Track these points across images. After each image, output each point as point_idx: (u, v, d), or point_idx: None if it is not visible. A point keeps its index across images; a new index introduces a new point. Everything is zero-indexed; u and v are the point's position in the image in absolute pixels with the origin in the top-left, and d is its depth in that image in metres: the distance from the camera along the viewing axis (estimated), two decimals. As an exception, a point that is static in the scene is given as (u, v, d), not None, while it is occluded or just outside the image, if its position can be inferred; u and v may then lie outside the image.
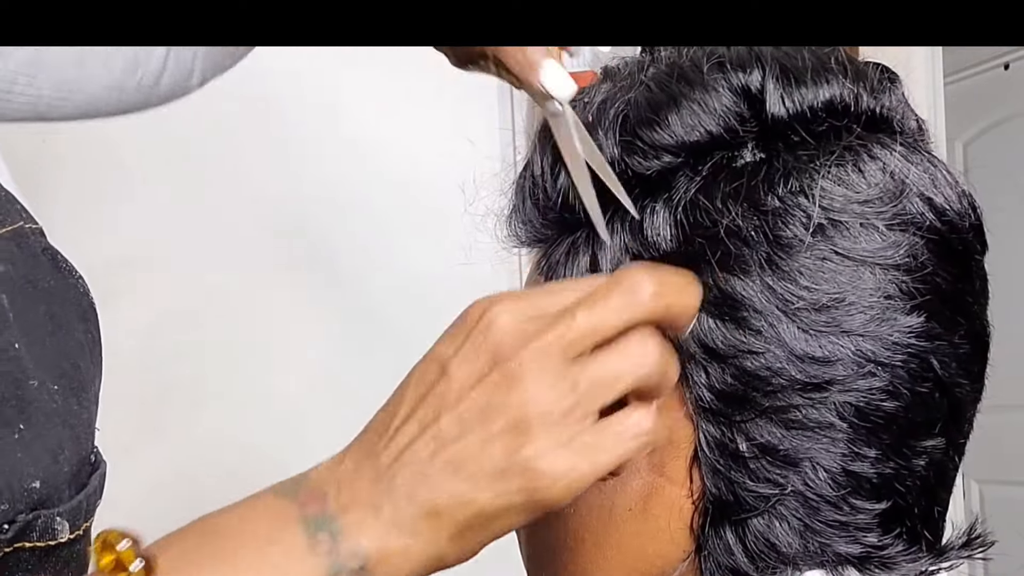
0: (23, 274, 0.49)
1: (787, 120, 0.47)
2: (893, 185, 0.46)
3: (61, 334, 0.50)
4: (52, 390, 0.47)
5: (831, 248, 0.45)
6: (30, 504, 0.45)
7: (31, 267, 0.50)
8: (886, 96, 0.49)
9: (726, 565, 0.48)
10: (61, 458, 0.46)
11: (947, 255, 0.47)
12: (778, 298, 0.45)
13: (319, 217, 1.31)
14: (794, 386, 0.45)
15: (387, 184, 1.35)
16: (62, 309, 0.51)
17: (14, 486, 0.44)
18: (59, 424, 0.47)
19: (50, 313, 0.50)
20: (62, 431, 0.47)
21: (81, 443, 0.48)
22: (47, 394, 0.47)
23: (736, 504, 0.47)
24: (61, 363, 0.49)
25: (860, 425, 0.45)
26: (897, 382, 0.45)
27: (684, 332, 0.43)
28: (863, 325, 0.45)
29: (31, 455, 0.45)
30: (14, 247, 0.49)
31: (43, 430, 0.46)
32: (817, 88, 0.47)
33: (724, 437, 0.46)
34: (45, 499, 0.45)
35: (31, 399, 0.45)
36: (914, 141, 0.49)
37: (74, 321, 0.52)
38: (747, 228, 0.45)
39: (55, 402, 0.47)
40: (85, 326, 0.53)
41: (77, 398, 0.49)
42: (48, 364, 0.48)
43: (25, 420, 0.45)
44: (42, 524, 0.45)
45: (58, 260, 0.53)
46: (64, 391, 0.48)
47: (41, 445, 0.45)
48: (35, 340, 0.48)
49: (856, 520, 0.47)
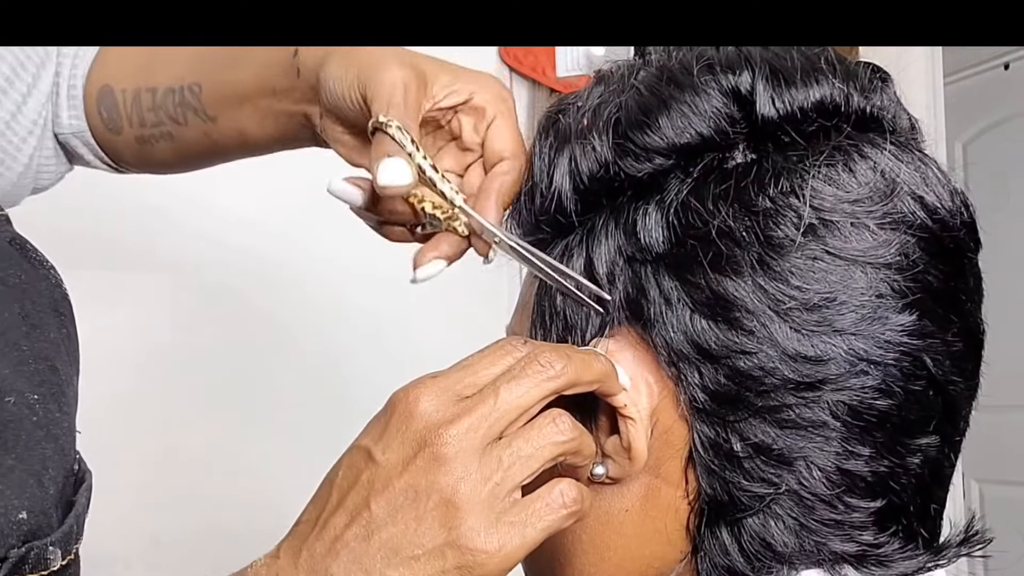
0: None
1: (777, 121, 0.47)
2: (884, 184, 0.46)
3: (36, 335, 0.48)
4: (32, 400, 0.45)
5: (822, 248, 0.45)
6: (21, 537, 0.43)
7: (0, 262, 0.48)
8: (877, 96, 0.49)
9: (722, 565, 0.48)
10: (46, 479, 0.45)
11: (939, 253, 0.47)
12: (770, 298, 0.45)
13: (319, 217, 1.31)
14: (787, 385, 0.45)
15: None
16: (35, 306, 0.49)
17: (1, 522, 0.42)
18: (42, 438, 0.45)
19: (24, 312, 0.48)
20: (45, 445, 0.45)
21: (65, 453, 0.46)
22: (27, 407, 0.45)
23: (731, 504, 0.47)
24: (39, 367, 0.47)
25: (854, 424, 0.46)
26: (890, 380, 0.45)
27: (613, 398, 0.46)
28: (855, 324, 0.45)
29: (13, 484, 0.43)
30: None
31: (24, 452, 0.44)
32: (807, 89, 0.47)
33: (718, 437, 0.46)
34: (36, 528, 0.43)
35: (7, 420, 0.43)
36: (906, 140, 0.49)
37: (48, 317, 0.49)
38: (738, 229, 0.45)
39: (36, 414, 0.45)
40: (59, 321, 0.50)
41: (57, 403, 0.47)
42: (27, 372, 0.46)
43: (3, 446, 0.43)
44: (35, 556, 0.44)
45: (27, 250, 0.51)
46: (44, 398, 0.47)
47: (24, 470, 0.43)
48: (9, 345, 0.46)
49: (851, 518, 0.47)
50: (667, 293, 0.47)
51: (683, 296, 0.46)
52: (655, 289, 0.47)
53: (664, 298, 0.47)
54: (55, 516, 0.45)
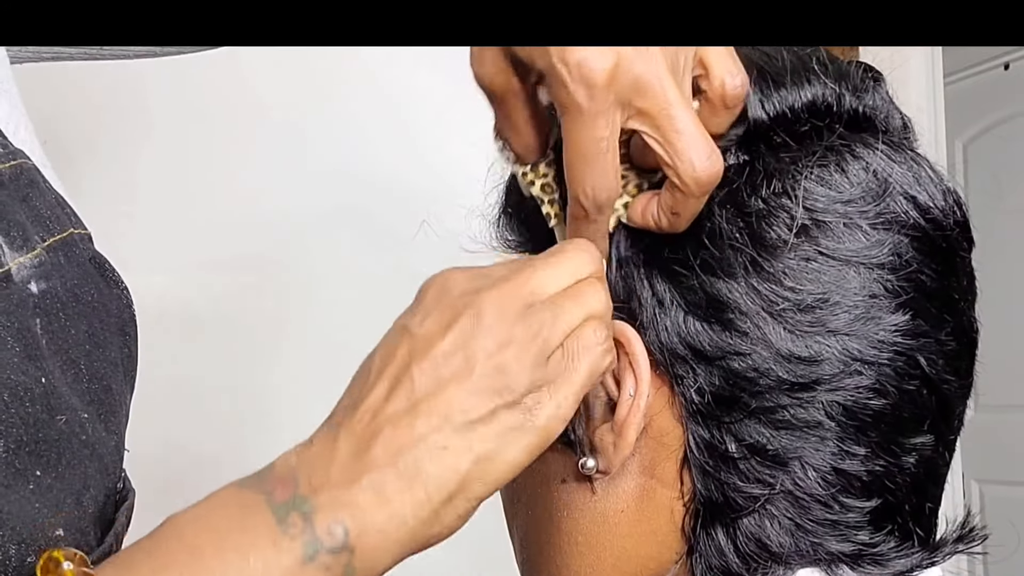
0: (69, 288, 0.47)
1: (768, 123, 0.47)
2: (876, 184, 0.46)
3: (97, 354, 0.47)
4: (82, 419, 0.45)
5: (815, 248, 0.45)
6: None
7: (77, 279, 0.48)
8: (869, 95, 0.49)
9: (718, 566, 0.48)
10: (86, 498, 0.44)
11: (932, 253, 0.47)
12: (763, 299, 0.45)
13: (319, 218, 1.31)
14: (781, 386, 0.45)
15: (388, 184, 1.35)
16: (103, 325, 0.48)
17: (36, 537, 0.41)
18: (86, 456, 0.44)
19: (91, 331, 0.47)
20: (88, 465, 0.44)
21: (109, 473, 0.46)
22: (77, 426, 0.44)
23: (726, 505, 0.47)
24: (92, 386, 0.47)
25: (848, 423, 0.46)
26: (884, 380, 0.46)
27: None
28: (848, 324, 0.45)
29: (49, 503, 0.42)
30: (62, 257, 0.47)
31: (66, 471, 0.43)
32: (798, 89, 0.47)
33: (713, 438, 0.46)
34: (74, 546, 0.42)
35: (54, 439, 0.43)
36: (899, 140, 0.50)
37: (112, 337, 0.49)
38: (731, 230, 0.46)
39: (85, 432, 0.45)
40: (123, 340, 0.51)
41: (105, 424, 0.47)
42: (81, 390, 0.46)
43: (43, 465, 0.42)
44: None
45: (105, 269, 0.51)
46: (93, 418, 0.46)
47: (62, 489, 0.43)
48: (70, 363, 0.46)
49: (847, 518, 0.47)
50: (660, 295, 0.47)
51: (676, 298, 0.46)
52: (648, 291, 0.47)
53: (657, 300, 0.47)
54: (93, 534, 0.45)
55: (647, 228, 0.46)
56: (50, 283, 0.46)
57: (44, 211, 0.48)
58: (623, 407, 0.47)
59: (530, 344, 0.40)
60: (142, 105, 1.20)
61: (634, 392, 0.46)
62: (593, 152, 0.42)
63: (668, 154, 0.43)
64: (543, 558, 0.52)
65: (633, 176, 0.48)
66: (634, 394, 0.46)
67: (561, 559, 0.51)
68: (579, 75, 0.41)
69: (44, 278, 0.46)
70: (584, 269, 0.42)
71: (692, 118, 0.42)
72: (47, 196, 0.49)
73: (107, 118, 1.19)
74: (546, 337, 0.40)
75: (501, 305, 0.40)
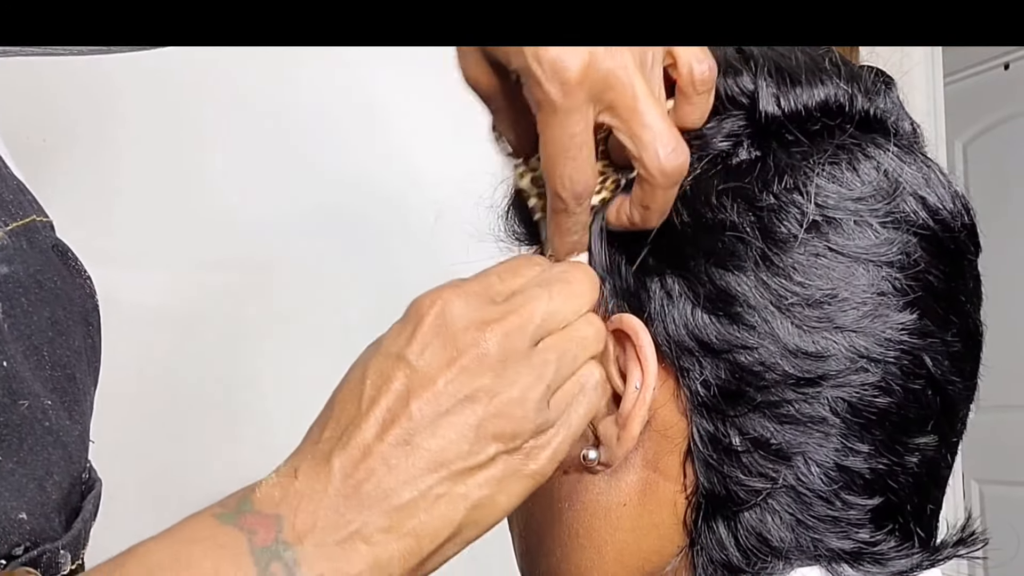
0: (31, 273, 0.46)
1: (781, 119, 0.47)
2: (887, 183, 0.46)
3: (60, 341, 0.47)
4: (45, 406, 0.44)
5: (825, 244, 0.45)
6: (23, 535, 0.42)
7: (40, 265, 0.47)
8: (880, 99, 0.49)
9: (719, 559, 0.48)
10: (49, 484, 0.43)
11: (940, 254, 0.47)
12: (772, 293, 0.45)
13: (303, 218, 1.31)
14: (787, 381, 0.45)
15: (388, 185, 1.35)
16: (66, 312, 0.48)
17: (1, 519, 0.41)
18: (50, 443, 0.44)
19: (53, 318, 0.47)
20: (52, 451, 0.44)
21: (73, 462, 0.46)
22: (40, 412, 0.44)
23: (729, 498, 0.47)
24: (55, 374, 0.46)
25: (853, 420, 0.46)
26: (890, 378, 0.46)
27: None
28: (856, 321, 0.45)
29: (12, 487, 0.42)
30: (24, 243, 0.47)
31: (28, 456, 0.43)
32: (812, 88, 0.47)
33: (717, 432, 0.46)
34: (38, 530, 0.42)
35: (16, 423, 0.42)
36: (908, 143, 0.50)
37: (76, 325, 0.49)
38: (742, 224, 0.45)
39: (48, 419, 0.44)
40: (86, 330, 0.50)
41: (69, 412, 0.46)
42: (44, 377, 0.45)
43: (5, 449, 0.42)
44: (47, 560, 0.43)
45: (68, 257, 0.50)
46: (57, 406, 0.45)
47: (24, 474, 0.42)
48: (32, 350, 0.45)
49: (848, 515, 0.47)
50: (669, 287, 0.47)
51: (685, 290, 0.46)
52: (656, 283, 0.47)
53: (666, 292, 0.47)
54: (57, 520, 0.44)
55: (622, 227, 0.47)
56: (12, 267, 0.45)
57: (6, 195, 0.47)
58: (628, 400, 0.47)
59: (534, 388, 0.40)
60: (127, 106, 1.19)
61: (640, 385, 0.46)
62: (568, 146, 0.43)
63: (635, 146, 0.43)
64: (543, 550, 0.52)
65: (611, 172, 0.48)
66: (640, 387, 0.46)
67: (561, 551, 0.51)
68: (553, 73, 0.41)
69: (6, 262, 0.45)
70: (588, 302, 0.43)
71: (659, 112, 0.43)
72: (9, 182, 0.48)
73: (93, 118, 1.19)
74: (550, 382, 0.40)
75: (508, 344, 0.40)
